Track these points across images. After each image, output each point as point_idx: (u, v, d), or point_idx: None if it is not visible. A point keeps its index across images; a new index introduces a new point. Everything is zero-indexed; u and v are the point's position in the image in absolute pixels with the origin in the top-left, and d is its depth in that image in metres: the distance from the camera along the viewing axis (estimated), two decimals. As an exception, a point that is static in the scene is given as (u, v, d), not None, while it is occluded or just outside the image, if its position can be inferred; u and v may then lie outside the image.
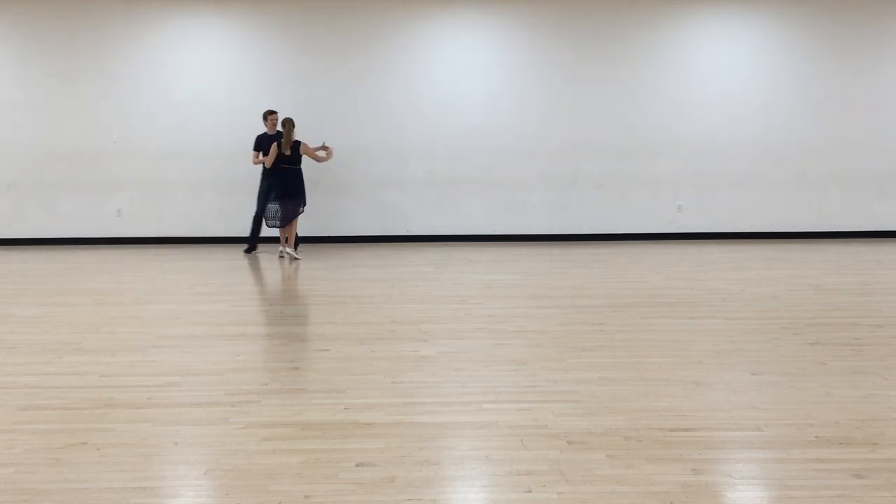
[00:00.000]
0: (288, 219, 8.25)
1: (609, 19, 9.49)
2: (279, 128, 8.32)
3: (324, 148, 8.43)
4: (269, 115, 8.45)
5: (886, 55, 9.65)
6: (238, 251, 8.84)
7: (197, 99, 9.46)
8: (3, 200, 9.55)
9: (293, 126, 8.11)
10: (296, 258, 8.19)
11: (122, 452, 2.89)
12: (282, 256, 8.31)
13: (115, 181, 9.55)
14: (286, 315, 5.38)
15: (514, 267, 7.64)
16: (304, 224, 9.58)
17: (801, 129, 9.69)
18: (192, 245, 9.48)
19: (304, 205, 8.42)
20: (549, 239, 9.71)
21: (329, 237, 9.61)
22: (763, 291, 6.09)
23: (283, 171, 8.17)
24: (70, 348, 4.45)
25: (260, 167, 8.46)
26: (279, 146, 8.09)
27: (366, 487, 2.57)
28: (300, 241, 8.93)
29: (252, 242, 8.77)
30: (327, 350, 4.39)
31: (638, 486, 2.57)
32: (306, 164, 8.48)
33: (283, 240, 8.37)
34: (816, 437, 3.00)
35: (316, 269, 7.55)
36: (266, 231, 8.77)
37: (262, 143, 8.42)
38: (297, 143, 8.20)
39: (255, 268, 7.67)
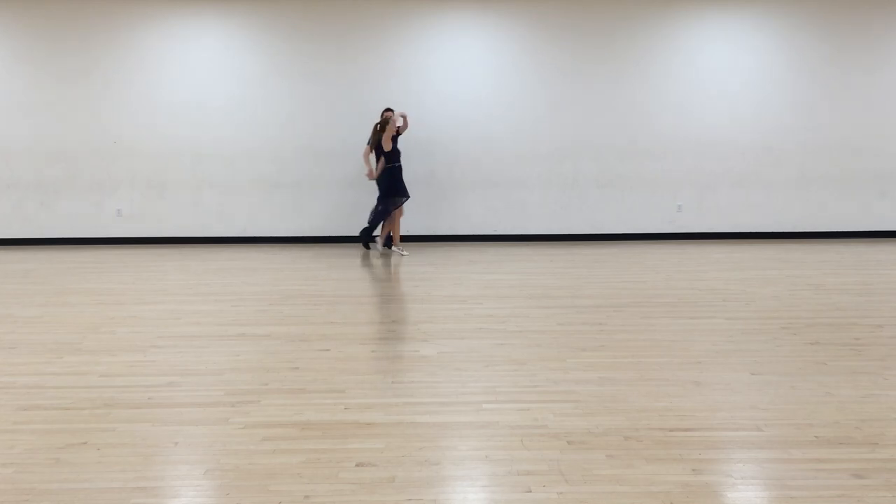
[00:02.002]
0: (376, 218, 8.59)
1: (609, 19, 9.49)
2: (399, 124, 8.50)
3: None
4: (383, 112, 8.55)
5: (886, 55, 9.64)
6: (238, 251, 8.85)
7: (197, 99, 9.45)
8: (3, 200, 9.55)
9: (383, 128, 8.26)
10: (397, 252, 8.46)
11: (122, 452, 2.89)
12: (391, 251, 8.56)
13: (115, 181, 9.55)
14: (286, 315, 5.38)
15: (514, 267, 7.64)
16: (305, 224, 9.59)
17: (801, 129, 9.68)
18: (192, 245, 9.48)
19: (378, 204, 8.50)
20: (549, 239, 9.71)
21: (329, 237, 9.61)
22: (763, 291, 6.08)
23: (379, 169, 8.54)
24: (70, 348, 4.45)
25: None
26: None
27: (366, 487, 2.57)
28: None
29: (377, 239, 8.91)
30: (327, 350, 4.39)
31: (638, 486, 2.57)
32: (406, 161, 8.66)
33: (396, 239, 8.58)
34: (816, 437, 3.00)
35: (316, 269, 7.55)
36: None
37: None
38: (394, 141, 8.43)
39: (258, 268, 7.66)
